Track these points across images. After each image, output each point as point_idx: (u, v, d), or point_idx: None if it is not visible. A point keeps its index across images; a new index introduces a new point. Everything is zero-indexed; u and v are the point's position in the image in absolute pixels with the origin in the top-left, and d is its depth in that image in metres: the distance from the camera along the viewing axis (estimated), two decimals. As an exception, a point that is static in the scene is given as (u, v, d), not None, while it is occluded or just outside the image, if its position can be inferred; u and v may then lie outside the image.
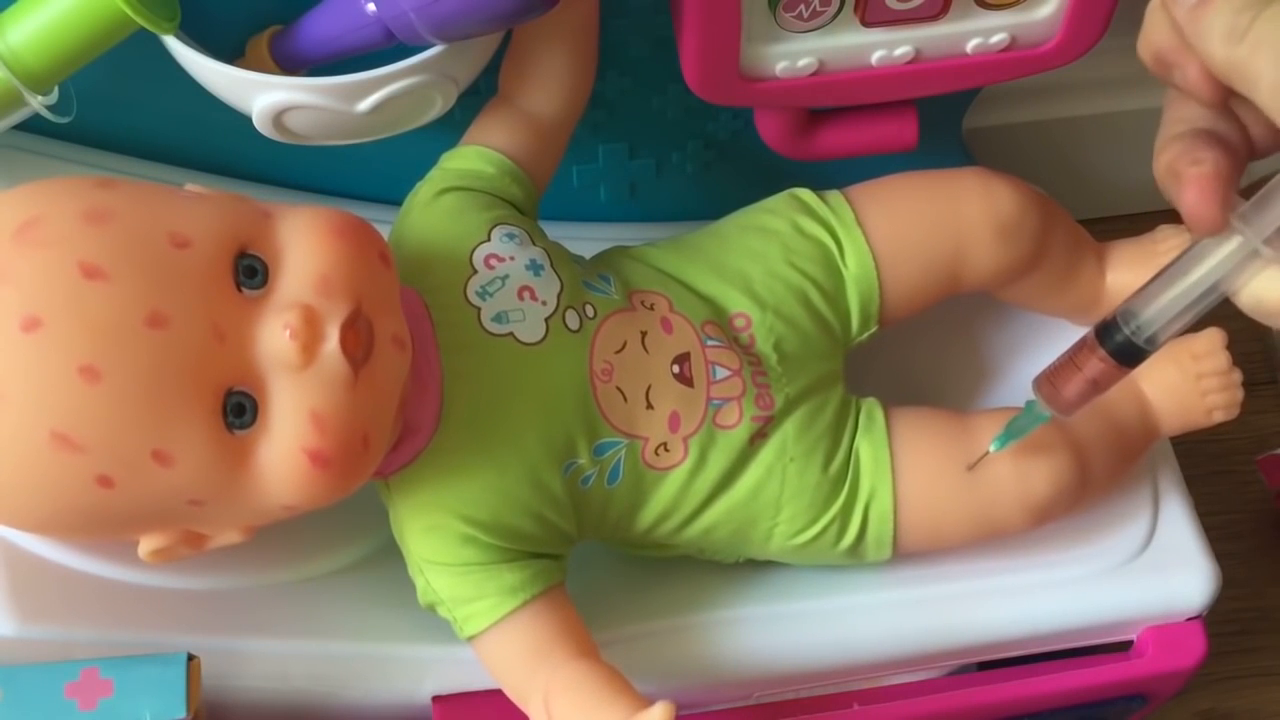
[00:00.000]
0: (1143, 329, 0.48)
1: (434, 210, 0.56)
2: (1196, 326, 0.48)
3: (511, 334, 0.54)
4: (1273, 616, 0.80)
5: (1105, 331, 0.49)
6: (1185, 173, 0.41)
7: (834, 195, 0.61)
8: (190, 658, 0.50)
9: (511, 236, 0.55)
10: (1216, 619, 0.64)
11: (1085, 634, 0.63)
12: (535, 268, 0.55)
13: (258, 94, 0.52)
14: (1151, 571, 0.62)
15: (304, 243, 0.48)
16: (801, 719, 0.60)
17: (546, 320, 0.54)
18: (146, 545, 0.50)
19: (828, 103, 0.59)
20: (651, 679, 0.57)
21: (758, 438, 0.57)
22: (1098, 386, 0.51)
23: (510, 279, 0.54)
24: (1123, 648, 0.64)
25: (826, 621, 0.60)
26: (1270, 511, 0.82)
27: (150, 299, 0.45)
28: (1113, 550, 0.63)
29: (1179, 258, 0.46)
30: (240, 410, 0.47)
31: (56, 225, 0.46)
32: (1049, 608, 0.62)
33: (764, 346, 0.58)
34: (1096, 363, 0.50)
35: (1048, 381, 0.53)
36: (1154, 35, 0.42)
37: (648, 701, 0.50)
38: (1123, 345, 0.49)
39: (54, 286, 0.45)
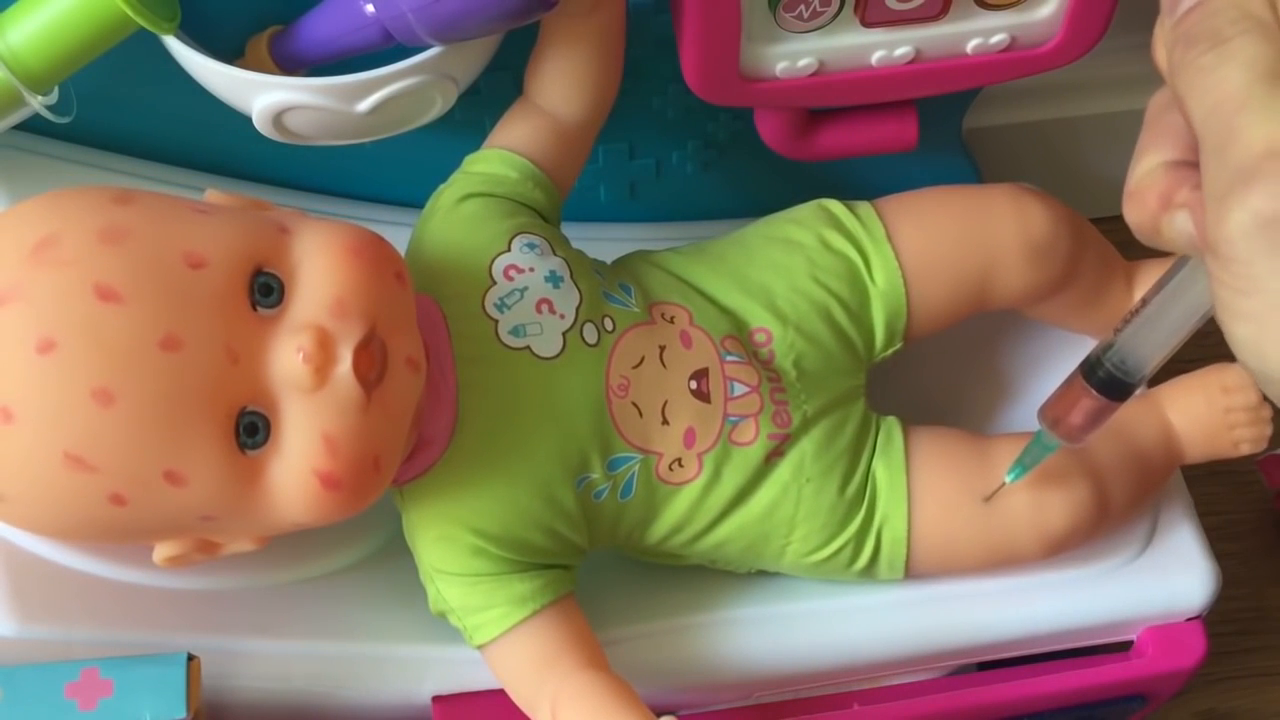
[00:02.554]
0: (1129, 365, 0.47)
1: (455, 217, 0.56)
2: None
3: (528, 347, 0.53)
4: (1273, 616, 0.80)
5: (1090, 369, 0.49)
6: (1194, 198, 0.38)
7: (864, 208, 0.60)
8: (190, 658, 0.50)
9: (532, 246, 0.55)
10: (1216, 619, 0.64)
11: (1085, 634, 0.63)
12: (555, 279, 0.55)
13: (258, 94, 0.52)
14: (1151, 572, 0.62)
15: (319, 262, 0.48)
16: (801, 719, 0.60)
17: (564, 334, 0.54)
18: (161, 552, 0.51)
19: (828, 103, 0.59)
20: (651, 679, 0.57)
21: (774, 455, 0.56)
22: (1097, 418, 0.51)
23: (529, 291, 0.54)
24: (1123, 648, 0.64)
25: (826, 622, 0.60)
26: (1270, 511, 0.82)
27: (165, 322, 0.45)
28: (1113, 550, 0.62)
29: (1156, 289, 0.45)
30: (253, 430, 0.47)
31: (73, 244, 0.46)
32: (1049, 608, 0.62)
33: (783, 362, 0.58)
34: (1087, 398, 0.50)
35: (1050, 412, 0.52)
36: (1156, 47, 0.41)
37: (654, 715, 0.50)
38: (1107, 381, 0.48)
39: (69, 308, 0.45)
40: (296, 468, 0.47)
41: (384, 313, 0.48)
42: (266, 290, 0.47)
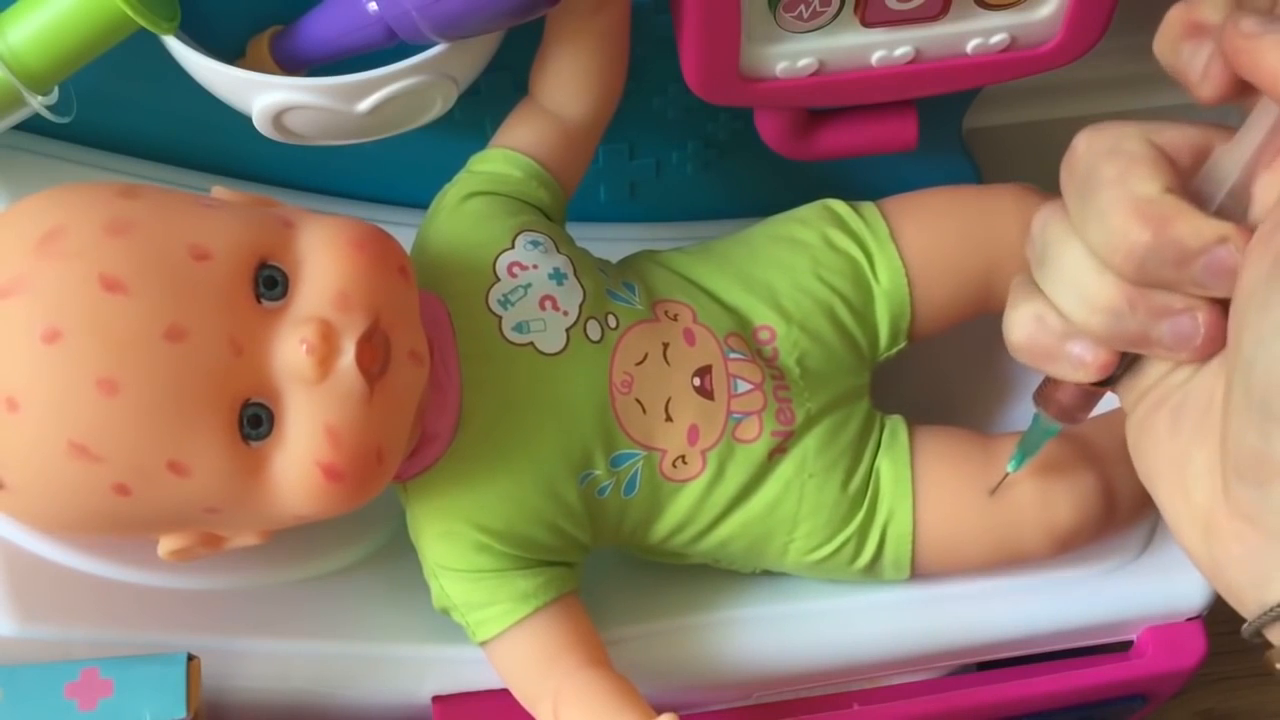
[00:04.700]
0: None
1: (460, 215, 0.56)
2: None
3: (532, 344, 0.53)
4: (1273, 616, 0.79)
5: None
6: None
7: (868, 208, 0.61)
8: (190, 658, 0.50)
9: (536, 244, 0.55)
10: (1216, 619, 0.64)
11: (1085, 634, 0.63)
12: (558, 276, 0.55)
13: (258, 94, 0.52)
14: (1151, 571, 0.62)
15: (323, 255, 0.49)
16: (801, 719, 0.60)
17: (567, 331, 0.54)
18: (165, 545, 0.51)
19: (828, 103, 0.59)
20: (652, 679, 0.57)
21: (777, 453, 0.56)
22: (1090, 396, 0.51)
23: (533, 288, 0.54)
24: (1123, 648, 0.64)
25: (826, 621, 0.60)
26: (1270, 511, 0.82)
27: (169, 313, 0.46)
28: (1113, 551, 0.62)
29: None
30: (256, 422, 0.47)
31: (78, 236, 0.46)
32: (1049, 608, 0.62)
33: (787, 360, 0.58)
34: None
35: (1043, 393, 0.52)
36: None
37: (655, 712, 0.50)
38: None
39: (75, 299, 0.45)
40: (299, 459, 0.47)
41: (387, 306, 0.49)
42: (270, 283, 0.48)
